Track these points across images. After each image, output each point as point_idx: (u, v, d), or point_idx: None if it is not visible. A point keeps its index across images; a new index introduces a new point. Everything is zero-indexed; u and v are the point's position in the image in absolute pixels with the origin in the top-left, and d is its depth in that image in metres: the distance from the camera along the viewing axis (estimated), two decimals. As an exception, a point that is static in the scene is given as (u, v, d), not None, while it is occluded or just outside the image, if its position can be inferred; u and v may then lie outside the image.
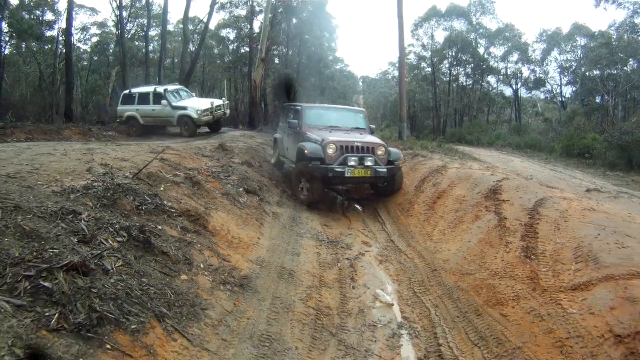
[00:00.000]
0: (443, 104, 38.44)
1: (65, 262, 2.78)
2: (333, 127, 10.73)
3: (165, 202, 5.00)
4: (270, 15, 26.05)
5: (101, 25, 40.79)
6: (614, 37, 31.06)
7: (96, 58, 41.16)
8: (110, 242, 3.53)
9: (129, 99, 17.78)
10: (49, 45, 33.58)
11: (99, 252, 3.24)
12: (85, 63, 41.29)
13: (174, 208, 4.98)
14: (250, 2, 34.97)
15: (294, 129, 10.79)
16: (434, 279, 5.72)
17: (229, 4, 35.58)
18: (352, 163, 9.37)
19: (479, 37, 38.18)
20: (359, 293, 5.35)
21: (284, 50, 36.04)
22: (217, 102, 17.58)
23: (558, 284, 4.49)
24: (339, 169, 9.24)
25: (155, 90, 17.45)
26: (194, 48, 32.20)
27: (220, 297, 4.02)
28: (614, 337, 3.41)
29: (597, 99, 32.80)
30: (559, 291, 4.37)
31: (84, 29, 40.29)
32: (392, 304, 5.13)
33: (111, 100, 33.90)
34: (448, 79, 38.88)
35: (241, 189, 7.68)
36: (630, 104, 31.20)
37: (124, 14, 35.77)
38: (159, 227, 4.36)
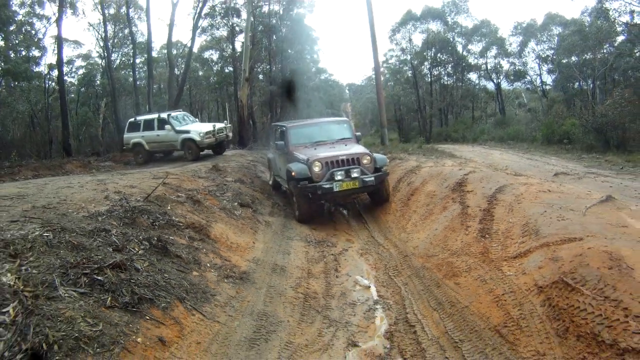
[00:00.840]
0: (427, 104, 39.53)
1: (110, 262, 3.91)
2: (319, 142, 10.93)
3: (173, 218, 6.10)
4: (250, 34, 27.11)
5: (86, 57, 41.37)
6: (587, 22, 32.17)
7: (84, 90, 41.84)
8: (137, 249, 4.65)
9: (134, 127, 18.35)
10: (37, 82, 34.57)
11: (129, 256, 4.35)
12: (73, 96, 41.94)
13: (181, 222, 6.07)
14: (230, 23, 36.08)
15: (281, 149, 11.15)
16: (405, 264, 6.80)
17: (209, 27, 36.69)
18: (339, 177, 9.55)
19: (456, 36, 39.47)
20: (342, 280, 6.42)
21: (267, 67, 37.11)
22: (219, 125, 18.08)
23: (504, 255, 5.55)
24: (327, 186, 9.42)
25: (159, 116, 18.06)
26: (179, 72, 33.23)
27: (225, 287, 5.13)
28: (537, 289, 4.46)
29: (577, 85, 33.98)
30: (502, 260, 5.44)
31: (69, 62, 41.20)
32: (370, 286, 6.19)
33: (103, 131, 34.93)
34: (429, 79, 40.01)
35: (236, 203, 8.80)
36: (610, 85, 31.71)
37: (108, 44, 37.09)
38: (171, 237, 5.47)
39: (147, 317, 3.72)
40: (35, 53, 34.21)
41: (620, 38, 30.12)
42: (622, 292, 3.56)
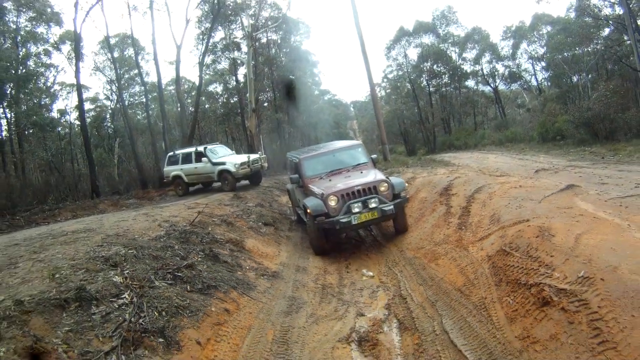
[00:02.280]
0: (429, 115, 41.26)
1: (183, 265, 5.77)
2: (334, 172, 10.68)
3: (215, 236, 7.94)
4: (252, 66, 29.05)
5: (93, 100, 43.40)
6: (573, 19, 33.63)
7: (95, 132, 43.63)
8: (196, 257, 6.49)
9: (173, 160, 19.37)
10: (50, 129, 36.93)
11: (193, 262, 6.18)
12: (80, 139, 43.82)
13: (222, 239, 7.90)
14: (231, 57, 38.14)
15: (296, 183, 11.05)
16: (400, 256, 8.55)
17: (212, 62, 38.75)
18: (357, 210, 9.24)
19: (450, 46, 41.33)
20: (352, 274, 8.17)
21: (272, 96, 39.04)
22: (254, 156, 18.63)
23: (472, 240, 7.27)
24: (344, 220, 9.11)
25: (196, 149, 18.84)
26: (190, 109, 35.18)
27: (262, 281, 6.95)
28: (487, 258, 6.18)
29: (569, 81, 35.52)
30: (470, 244, 7.17)
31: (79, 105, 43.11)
32: (373, 276, 7.93)
33: (118, 169, 36.94)
34: (428, 91, 41.81)
35: (260, 223, 10.61)
36: (605, 77, 32.56)
37: (114, 86, 39.13)
38: (217, 249, 7.29)
39: (215, 297, 5.57)
40: (46, 101, 36.63)
41: (607, 30, 31.56)
42: (540, 252, 5.25)
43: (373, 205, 9.28)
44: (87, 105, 43.00)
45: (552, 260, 4.89)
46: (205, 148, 18.73)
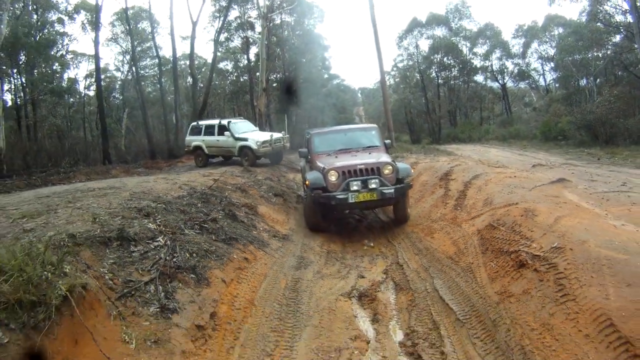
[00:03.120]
0: (436, 107, 41.91)
1: (208, 219, 6.52)
2: (343, 150, 10.55)
3: (232, 199, 8.69)
4: (265, 44, 29.60)
5: (103, 70, 42.74)
6: (584, 22, 33.95)
7: (104, 103, 43.85)
8: (217, 215, 7.22)
9: (196, 131, 19.70)
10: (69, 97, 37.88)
11: (215, 217, 6.93)
12: (92, 108, 44.36)
13: (238, 202, 8.67)
14: (245, 36, 38.72)
15: (304, 157, 11.03)
16: (400, 231, 9.33)
17: (225, 40, 39.29)
18: (355, 188, 9.10)
19: (461, 39, 41.83)
20: (354, 244, 8.93)
21: (282, 76, 39.61)
22: (277, 135, 18.78)
23: (466, 218, 8.02)
24: (341, 196, 9.02)
25: (220, 122, 19.10)
26: (200, 84, 35.84)
27: (274, 241, 7.76)
28: (477, 232, 6.95)
29: (577, 83, 36.08)
30: (463, 221, 7.92)
31: (90, 75, 43.53)
32: (373, 246, 8.70)
33: (125, 140, 37.66)
34: (437, 83, 42.42)
35: (270, 194, 11.36)
36: (612, 82, 32.94)
37: (127, 57, 39.83)
38: (234, 211, 8.05)
39: (235, 248, 6.37)
40: (58, 69, 37.12)
41: (619, 37, 31.91)
42: (523, 227, 6.01)
43: (373, 186, 9.12)
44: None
45: (531, 234, 5.65)
46: (229, 122, 18.92)
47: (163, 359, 3.80)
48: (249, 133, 18.65)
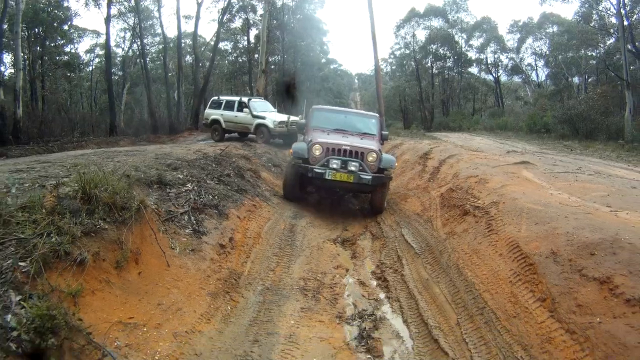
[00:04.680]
0: (429, 96, 43.51)
1: (224, 174, 8.14)
2: (338, 130, 10.63)
3: (239, 164, 10.30)
4: (266, 28, 30.95)
5: (103, 46, 43.93)
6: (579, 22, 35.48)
7: (100, 79, 44.62)
8: (229, 172, 8.85)
9: (216, 105, 20.28)
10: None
11: (228, 172, 8.58)
12: (88, 83, 45.84)
13: (244, 167, 10.28)
14: (245, 17, 40.06)
15: (301, 130, 11.59)
16: (381, 198, 11.04)
17: (226, 21, 40.53)
18: (334, 166, 9.33)
19: (458, 31, 43.36)
20: (341, 206, 10.61)
21: (280, 59, 41.02)
22: (294, 117, 18.08)
23: (435, 187, 9.72)
24: (318, 170, 9.27)
25: (240, 99, 19.68)
26: (200, 63, 37.09)
27: (275, 198, 9.45)
28: (440, 195, 8.66)
29: (566, 80, 37.77)
30: (432, 190, 9.64)
31: (91, 50, 44.57)
32: (358, 208, 10.39)
33: (125, 115, 39.04)
34: (431, 72, 43.95)
35: (270, 164, 12.96)
36: (604, 81, 34.64)
37: (128, 34, 41.07)
38: (242, 172, 9.68)
39: (246, 197, 8.04)
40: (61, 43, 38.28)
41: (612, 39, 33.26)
42: (474, 190, 7.71)
43: (352, 168, 9.33)
44: (98, 51, 44.70)
45: (479, 195, 7.36)
46: (249, 99, 19.60)
47: (198, 262, 5.43)
48: (267, 113, 19.23)
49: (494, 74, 44.31)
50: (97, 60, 45.21)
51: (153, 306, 4.14)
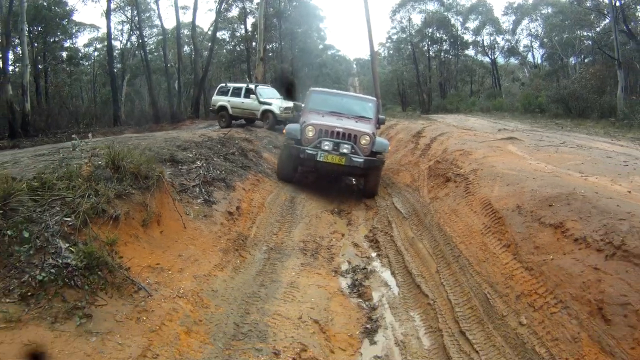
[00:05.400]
0: (427, 79, 44.09)
1: (229, 152, 8.93)
2: (334, 113, 10.66)
3: (242, 146, 11.07)
4: (263, 16, 31.51)
5: (102, 39, 44.21)
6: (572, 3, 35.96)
7: (101, 71, 45.23)
8: (234, 151, 9.63)
9: (223, 92, 20.57)
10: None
11: (233, 151, 9.37)
12: (86, 77, 46.65)
13: (247, 148, 11.05)
14: (242, 4, 40.57)
15: (298, 111, 11.53)
16: (376, 174, 11.84)
17: (223, 10, 41.03)
18: (326, 147, 9.41)
19: (454, 15, 43.85)
20: (339, 182, 11.38)
21: (278, 46, 41.61)
22: (299, 104, 19.58)
23: (425, 161, 10.48)
24: (310, 152, 9.37)
25: (247, 86, 20.09)
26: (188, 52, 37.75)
27: (275, 175, 10.14)
28: (428, 167, 9.45)
29: (562, 61, 38.38)
30: (422, 164, 10.40)
31: (89, 44, 45.14)
32: (354, 182, 11.18)
33: (125, 107, 39.71)
34: (428, 56, 44.52)
35: (271, 146, 13.72)
36: (599, 61, 34.53)
37: (126, 27, 41.62)
38: (245, 152, 10.46)
39: (250, 172, 8.85)
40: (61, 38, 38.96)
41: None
42: (458, 161, 8.49)
43: (344, 150, 9.40)
44: (96, 45, 45.39)
45: (462, 165, 8.15)
46: (256, 86, 19.95)
47: (210, 225, 6.21)
48: (274, 99, 19.52)
49: (490, 56, 44.74)
50: (96, 54, 45.81)
51: (174, 257, 4.92)
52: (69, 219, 4.11)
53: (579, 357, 3.47)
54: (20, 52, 23.05)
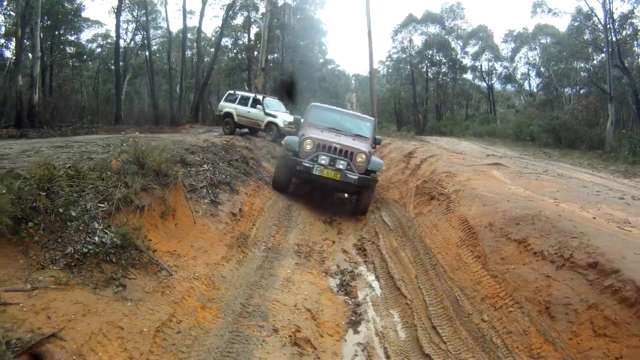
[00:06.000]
0: (423, 100, 45.11)
1: (234, 158, 9.72)
2: (332, 129, 10.96)
3: (244, 154, 11.86)
4: (267, 29, 32.39)
5: (105, 36, 44.96)
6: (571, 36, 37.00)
7: (104, 68, 45.77)
8: (237, 158, 10.41)
9: (230, 98, 21.07)
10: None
11: (236, 158, 10.15)
12: (87, 73, 46.46)
13: (247, 156, 11.84)
14: (247, 13, 41.51)
15: (297, 125, 11.89)
16: (367, 189, 12.65)
17: (229, 18, 41.95)
18: (323, 162, 9.72)
19: (454, 39, 44.96)
20: (332, 196, 12.17)
21: (279, 58, 42.48)
22: (299, 118, 18.64)
23: (413, 181, 11.31)
24: (307, 164, 9.66)
25: (255, 96, 20.54)
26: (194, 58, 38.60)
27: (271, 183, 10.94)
28: (416, 186, 10.27)
29: (557, 91, 39.48)
30: (410, 182, 11.24)
31: (93, 40, 45.17)
32: (347, 197, 11.97)
33: (124, 104, 40.36)
34: (426, 77, 45.61)
35: (269, 156, 14.53)
36: (594, 93, 35.40)
37: (131, 26, 42.33)
38: (247, 160, 11.24)
39: (251, 179, 9.67)
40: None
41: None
42: (443, 182, 9.31)
43: (340, 166, 9.72)
44: (99, 41, 45.25)
45: (446, 185, 8.98)
46: (263, 97, 20.44)
47: (216, 223, 6.98)
48: (279, 112, 19.91)
49: (487, 82, 45.84)
50: (98, 50, 46.19)
51: (188, 246, 5.69)
52: (102, 205, 4.86)
53: (527, 346, 4.24)
54: (29, 45, 23.76)
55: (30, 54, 20.21)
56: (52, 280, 3.68)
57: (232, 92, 22.30)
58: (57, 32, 33.75)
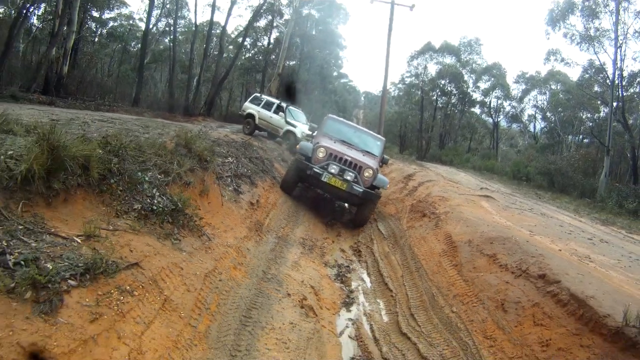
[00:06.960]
0: (429, 127, 46.49)
1: (254, 156, 11.04)
2: (346, 143, 11.73)
3: (259, 152, 13.16)
4: (289, 37, 33.68)
5: (128, 17, 45.46)
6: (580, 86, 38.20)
7: (120, 47, 45.88)
8: (256, 156, 11.71)
9: (256, 101, 21.81)
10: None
11: (256, 156, 11.47)
12: (104, 51, 47.22)
13: (262, 156, 13.14)
14: (271, 17, 42.77)
15: (312, 131, 13.01)
16: (367, 201, 13.97)
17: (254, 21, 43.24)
18: (332, 170, 10.45)
19: (468, 72, 46.24)
20: (333, 205, 13.47)
21: (296, 65, 43.62)
22: (315, 126, 18.47)
23: (410, 199, 12.61)
24: (317, 170, 10.40)
25: (280, 103, 21.14)
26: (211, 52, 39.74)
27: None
28: (411, 204, 11.59)
29: (560, 137, 40.92)
30: (406, 201, 12.54)
31: (114, 18, 45.11)
32: (348, 207, 13.27)
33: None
34: (435, 105, 47.23)
35: (280, 159, 15.85)
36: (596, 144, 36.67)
37: (155, 12, 43.26)
38: (262, 159, 12.54)
39: (268, 176, 11.01)
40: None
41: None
42: (435, 204, 10.63)
43: (348, 177, 10.50)
44: (122, 21, 45.62)
45: (438, 207, 10.31)
46: (287, 106, 21.03)
47: (238, 208, 8.27)
48: (299, 123, 20.34)
49: (494, 118, 47.18)
50: (120, 30, 46.96)
51: (219, 222, 7.00)
52: (160, 176, 6.15)
53: (483, 330, 5.54)
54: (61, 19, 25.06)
55: (65, 27, 21.14)
56: (127, 226, 4.94)
57: (258, 94, 23.29)
58: (89, 8, 35.10)
